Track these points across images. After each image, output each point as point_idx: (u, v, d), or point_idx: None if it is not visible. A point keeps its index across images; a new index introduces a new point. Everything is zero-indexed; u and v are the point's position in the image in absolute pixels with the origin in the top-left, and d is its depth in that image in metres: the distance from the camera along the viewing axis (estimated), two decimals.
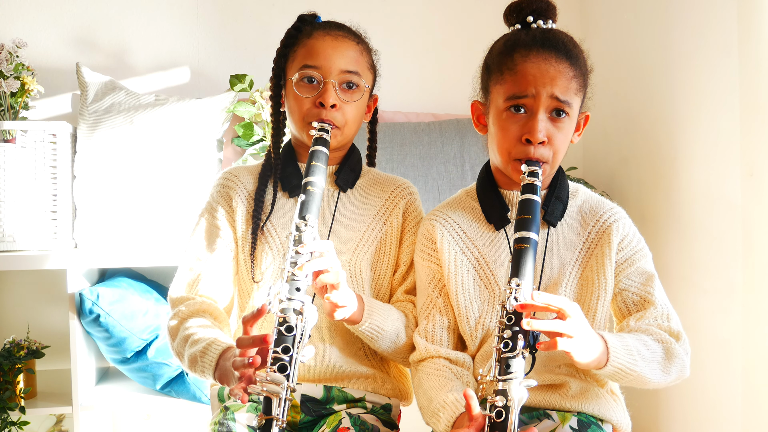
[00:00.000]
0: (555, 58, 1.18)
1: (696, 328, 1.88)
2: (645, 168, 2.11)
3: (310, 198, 1.18)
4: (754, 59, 1.64)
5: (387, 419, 1.33)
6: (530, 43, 1.19)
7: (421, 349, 1.25)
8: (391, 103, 2.42)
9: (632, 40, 2.20)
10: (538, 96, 1.17)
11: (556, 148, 1.20)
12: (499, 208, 1.26)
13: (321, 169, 1.21)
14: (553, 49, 1.18)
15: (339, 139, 1.31)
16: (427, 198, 2.10)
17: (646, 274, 1.25)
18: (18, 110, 1.99)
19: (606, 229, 1.25)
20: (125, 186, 2.00)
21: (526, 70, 1.18)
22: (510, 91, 1.19)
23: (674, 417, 1.99)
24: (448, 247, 1.27)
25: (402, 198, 1.38)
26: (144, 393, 1.99)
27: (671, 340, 1.17)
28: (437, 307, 1.28)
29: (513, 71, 1.19)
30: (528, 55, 1.18)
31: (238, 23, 2.36)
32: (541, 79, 1.17)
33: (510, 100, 1.19)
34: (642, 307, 1.23)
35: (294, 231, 1.15)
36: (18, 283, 2.23)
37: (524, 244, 1.10)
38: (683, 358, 1.18)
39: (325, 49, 1.29)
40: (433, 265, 1.29)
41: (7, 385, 1.89)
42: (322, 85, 1.28)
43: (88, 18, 2.29)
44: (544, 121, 1.18)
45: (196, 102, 2.11)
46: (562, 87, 1.17)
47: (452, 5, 2.50)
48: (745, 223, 1.68)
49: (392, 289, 1.37)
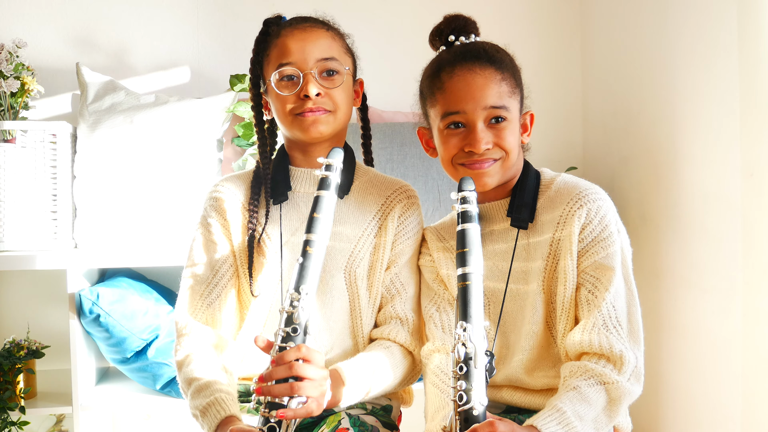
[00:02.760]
0: (479, 67, 1.19)
1: (696, 328, 1.88)
2: (645, 168, 2.11)
3: (308, 263, 1.07)
4: (754, 59, 1.64)
5: (387, 420, 1.33)
6: (453, 60, 1.22)
7: (437, 339, 1.25)
8: (391, 103, 2.42)
9: (632, 40, 2.20)
10: (472, 109, 1.18)
11: (507, 148, 1.20)
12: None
13: (325, 223, 1.11)
14: (475, 58, 1.20)
15: (334, 124, 1.29)
16: (427, 198, 2.10)
17: (602, 268, 1.17)
18: (18, 110, 1.99)
19: (570, 217, 1.19)
20: (125, 186, 2.00)
21: (454, 86, 1.20)
22: (443, 109, 1.21)
23: (674, 417, 1.99)
24: (437, 255, 1.31)
25: (399, 202, 1.35)
26: (144, 393, 1.99)
27: (611, 377, 1.08)
28: (445, 299, 1.30)
29: (442, 90, 1.21)
30: (453, 71, 1.21)
31: (238, 23, 2.36)
32: (470, 92, 1.18)
33: (446, 118, 1.21)
34: (590, 310, 1.15)
35: (287, 306, 1.07)
36: (18, 283, 2.23)
37: (465, 281, 1.04)
38: (628, 390, 1.09)
39: (296, 43, 1.28)
40: (433, 263, 1.33)
41: (7, 385, 1.89)
42: (302, 79, 1.26)
43: (88, 18, 2.29)
44: (484, 131, 1.18)
45: (196, 102, 2.11)
46: (493, 94, 1.18)
47: (452, 5, 2.49)
48: (745, 223, 1.68)
49: (382, 300, 1.34)
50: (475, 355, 1.00)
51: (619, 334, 1.13)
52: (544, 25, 2.54)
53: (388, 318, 1.31)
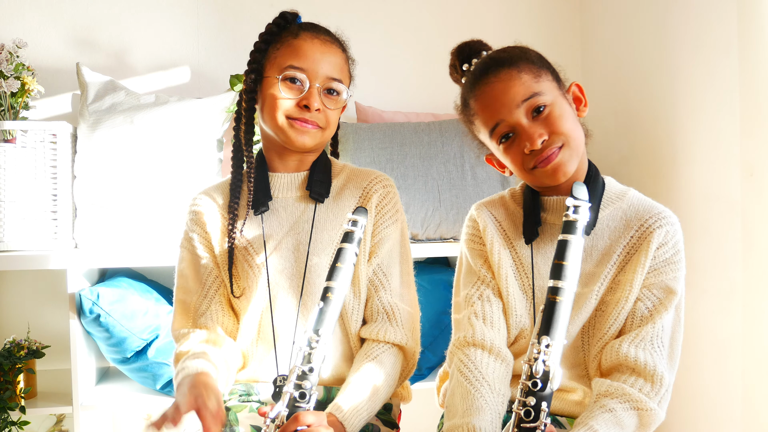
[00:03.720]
0: (493, 76, 1.19)
1: (696, 328, 1.88)
2: (645, 168, 2.11)
3: (328, 308, 1.13)
4: (754, 59, 1.64)
5: (387, 419, 1.33)
6: (471, 84, 1.22)
7: (477, 332, 1.19)
8: (391, 103, 2.42)
9: (632, 40, 2.20)
10: (509, 116, 1.17)
11: (564, 131, 1.17)
12: (532, 219, 1.24)
13: (346, 272, 1.15)
14: (498, 66, 1.19)
15: (320, 140, 1.31)
16: (427, 198, 2.10)
17: (667, 289, 1.18)
18: (18, 110, 1.99)
19: (648, 234, 1.19)
20: (125, 186, 2.00)
21: (482, 104, 1.20)
22: (488, 123, 1.20)
23: (674, 417, 1.99)
24: (491, 238, 1.26)
25: (375, 192, 1.34)
26: (144, 393, 1.99)
27: (647, 404, 1.11)
28: (490, 287, 1.25)
29: (476, 115, 1.21)
30: (475, 94, 1.21)
31: (238, 23, 2.36)
32: (501, 100, 1.17)
33: (494, 135, 1.20)
34: (644, 323, 1.17)
35: (305, 346, 1.12)
36: (18, 283, 2.23)
37: (557, 296, 1.02)
38: (659, 417, 1.13)
39: (314, 53, 1.28)
40: (483, 247, 1.28)
41: (7, 385, 1.89)
42: (307, 88, 1.27)
43: (88, 18, 2.29)
44: (534, 127, 1.17)
45: (196, 102, 2.11)
46: (522, 90, 1.17)
47: (452, 5, 2.50)
48: (745, 223, 1.68)
49: (368, 302, 1.33)
50: (554, 375, 0.99)
51: (662, 354, 1.15)
52: (544, 25, 2.54)
53: (374, 313, 1.31)
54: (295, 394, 1.09)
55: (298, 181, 1.35)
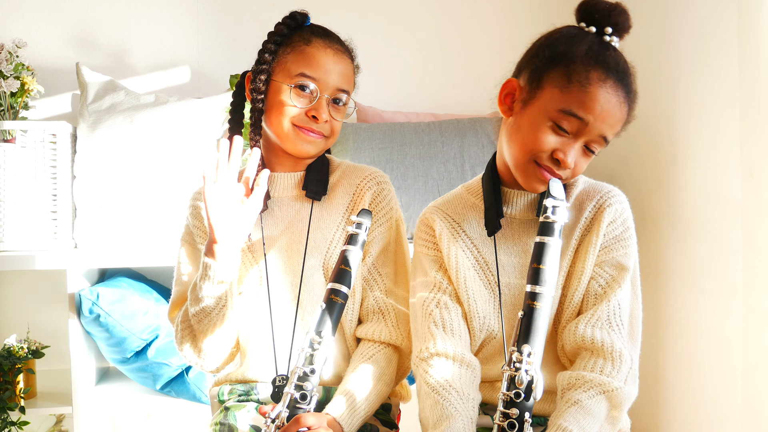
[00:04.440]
0: (623, 98, 1.13)
1: (696, 329, 1.88)
2: (645, 168, 2.11)
3: (332, 310, 1.14)
4: (754, 59, 1.64)
5: (386, 419, 1.33)
6: (610, 70, 1.13)
7: (438, 342, 1.16)
8: (391, 103, 2.42)
9: (632, 40, 2.20)
10: (592, 128, 1.11)
11: (572, 174, 1.16)
12: (494, 211, 1.20)
13: (350, 275, 1.16)
14: (623, 87, 1.13)
15: (322, 147, 1.31)
16: (427, 198, 2.10)
17: (619, 266, 1.17)
18: (18, 110, 1.99)
19: (598, 214, 1.18)
20: (125, 186, 2.00)
21: (598, 97, 1.11)
22: (571, 106, 1.10)
23: (674, 417, 1.99)
24: (447, 242, 1.23)
25: (368, 189, 1.33)
26: (144, 393, 1.99)
27: (611, 384, 1.08)
28: (447, 293, 1.21)
29: (584, 90, 1.11)
30: (606, 82, 1.12)
31: (238, 23, 2.36)
32: (604, 115, 1.11)
33: (565, 114, 1.11)
34: (598, 301, 1.14)
35: (307, 348, 1.12)
36: (18, 283, 2.24)
37: (535, 301, 1.00)
38: (628, 394, 1.10)
39: (326, 63, 1.26)
40: (438, 253, 1.24)
41: (7, 385, 1.89)
42: (317, 98, 1.26)
43: (88, 18, 2.29)
44: (579, 149, 1.14)
45: (196, 102, 2.11)
46: (613, 130, 1.14)
47: (452, 5, 2.50)
48: (745, 223, 1.68)
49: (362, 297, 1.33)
50: (537, 385, 0.97)
51: (620, 332, 1.13)
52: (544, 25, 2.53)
53: (369, 313, 1.31)
54: (296, 395, 1.09)
55: (294, 181, 1.35)
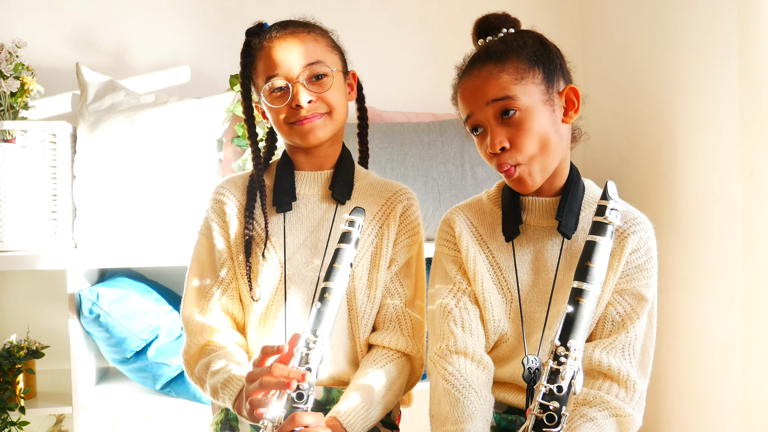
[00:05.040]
0: (486, 68, 1.16)
1: (696, 328, 1.88)
2: (645, 168, 2.11)
3: (326, 308, 1.13)
4: (754, 59, 1.64)
5: (387, 420, 1.33)
6: (466, 68, 1.20)
7: (458, 340, 1.18)
8: (391, 103, 2.42)
9: (632, 40, 2.20)
10: (479, 111, 1.16)
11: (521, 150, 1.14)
12: (513, 217, 1.22)
13: (343, 272, 1.16)
14: (485, 59, 1.17)
15: (332, 126, 1.29)
16: (427, 198, 2.10)
17: (639, 296, 1.18)
18: (18, 110, 1.99)
19: (622, 239, 1.18)
20: (125, 186, 2.00)
21: (463, 93, 1.19)
22: (463, 113, 1.20)
23: (674, 417, 1.99)
24: (466, 244, 1.24)
25: (399, 202, 1.35)
26: (144, 393, 1.99)
27: (625, 410, 1.11)
28: (467, 294, 1.22)
29: (458, 101, 1.21)
30: (463, 79, 1.20)
31: (238, 23, 2.36)
32: (474, 94, 1.16)
33: (467, 124, 1.19)
34: (616, 330, 1.16)
35: (302, 348, 1.11)
36: (18, 283, 2.23)
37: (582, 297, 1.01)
38: (634, 417, 1.13)
39: (279, 53, 1.27)
40: (458, 254, 1.26)
41: (7, 385, 1.89)
42: (292, 88, 1.26)
43: (88, 18, 2.29)
44: (498, 129, 1.14)
45: (196, 102, 2.11)
46: (495, 90, 1.14)
47: (452, 5, 2.50)
48: (745, 223, 1.68)
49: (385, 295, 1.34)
50: (577, 380, 0.98)
51: (632, 361, 1.15)
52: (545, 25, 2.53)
53: (386, 321, 1.31)
54: (292, 395, 1.09)
55: (322, 180, 1.34)
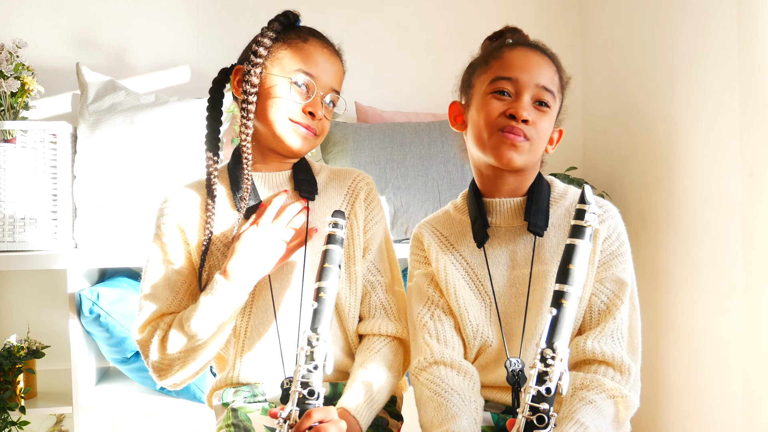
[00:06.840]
0: (540, 54, 1.23)
1: (696, 328, 1.88)
2: (645, 168, 2.11)
3: (323, 307, 1.15)
4: (754, 59, 1.64)
5: (393, 410, 1.36)
6: (515, 43, 1.25)
7: (435, 351, 1.20)
8: (391, 103, 2.42)
9: (632, 40, 2.20)
10: (524, 82, 1.19)
11: (538, 135, 1.20)
12: (481, 222, 1.25)
13: (335, 272, 1.17)
14: (538, 48, 1.24)
15: (312, 146, 1.32)
16: (427, 198, 2.10)
17: (619, 281, 1.21)
18: (18, 110, 1.99)
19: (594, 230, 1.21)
20: (125, 186, 2.00)
21: (513, 56, 1.21)
22: (495, 74, 1.21)
23: (674, 417, 1.99)
24: (436, 255, 1.27)
25: (361, 189, 1.37)
26: (144, 393, 1.99)
27: (622, 391, 1.12)
28: (440, 306, 1.26)
29: (500, 59, 1.22)
30: (514, 47, 1.23)
31: (238, 23, 2.36)
32: (527, 66, 1.20)
33: (495, 82, 1.20)
34: (603, 318, 1.19)
35: (305, 346, 1.13)
36: (18, 283, 2.24)
37: (563, 299, 1.03)
38: (635, 403, 1.15)
39: (324, 62, 1.28)
40: (429, 268, 1.29)
41: (7, 385, 1.89)
42: (314, 96, 1.27)
43: (88, 18, 2.29)
44: (528, 104, 1.19)
45: (196, 102, 2.11)
46: (546, 77, 1.21)
47: (452, 5, 2.50)
48: (745, 223, 1.68)
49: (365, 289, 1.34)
50: (564, 381, 1.00)
51: (621, 345, 1.17)
52: (545, 25, 2.54)
53: (372, 309, 1.33)
54: (303, 392, 1.10)
55: (282, 180, 1.34)
